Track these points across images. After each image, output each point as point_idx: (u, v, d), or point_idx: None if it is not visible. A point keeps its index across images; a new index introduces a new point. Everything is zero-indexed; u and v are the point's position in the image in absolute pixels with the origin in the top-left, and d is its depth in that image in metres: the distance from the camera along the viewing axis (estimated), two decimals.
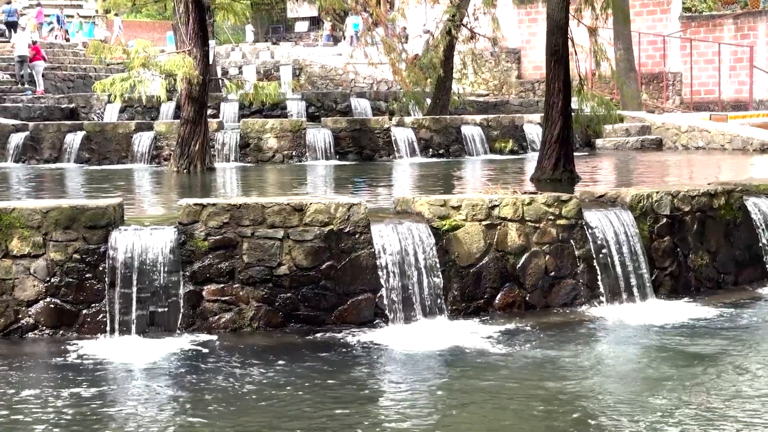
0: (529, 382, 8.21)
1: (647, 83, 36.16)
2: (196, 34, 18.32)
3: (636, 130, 25.37)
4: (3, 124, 23.87)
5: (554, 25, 14.59)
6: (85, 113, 30.62)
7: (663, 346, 9.33)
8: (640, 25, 36.38)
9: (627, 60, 32.35)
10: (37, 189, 17.09)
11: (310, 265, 9.86)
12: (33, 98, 32.77)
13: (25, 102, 31.80)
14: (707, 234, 11.56)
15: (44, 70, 35.32)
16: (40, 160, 22.69)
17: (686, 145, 24.61)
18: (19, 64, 35.31)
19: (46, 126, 23.47)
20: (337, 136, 22.35)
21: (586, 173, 16.63)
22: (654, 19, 37.13)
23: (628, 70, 32.41)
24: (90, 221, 9.56)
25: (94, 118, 30.08)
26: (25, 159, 22.80)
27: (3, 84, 34.94)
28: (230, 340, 9.50)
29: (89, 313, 9.55)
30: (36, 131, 23.10)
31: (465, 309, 10.31)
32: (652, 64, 36.60)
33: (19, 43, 35.27)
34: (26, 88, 34.47)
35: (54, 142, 22.81)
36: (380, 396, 8.03)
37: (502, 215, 10.47)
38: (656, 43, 36.47)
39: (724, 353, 9.06)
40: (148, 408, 7.62)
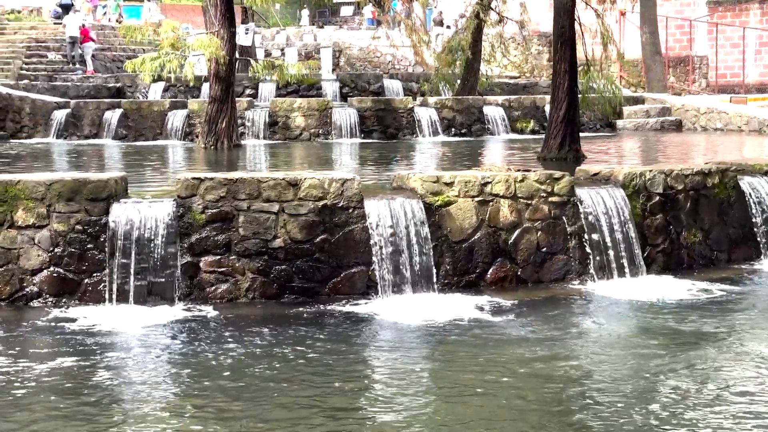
0: (517, 355, 8.00)
1: (674, 66, 35.63)
2: (224, 15, 18.21)
3: (656, 112, 24.96)
4: (46, 101, 23.96)
5: (561, 8, 14.32)
6: (131, 92, 30.72)
7: (651, 322, 9.09)
8: (669, 10, 35.84)
9: (653, 44, 31.88)
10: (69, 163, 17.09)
11: (304, 239, 9.73)
12: (82, 78, 32.89)
13: (74, 81, 31.92)
14: (701, 212, 11.27)
15: (94, 51, 35.37)
16: (80, 136, 22.79)
17: (705, 126, 24.18)
18: (71, 45, 35.40)
19: (86, 104, 23.54)
20: (363, 115, 22.21)
21: (596, 153, 16.34)
22: (682, 3, 36.53)
23: (654, 54, 31.96)
24: (91, 194, 9.48)
25: (138, 96, 30.17)
26: (67, 135, 22.91)
27: (55, 64, 35.08)
28: (226, 311, 9.39)
29: (90, 282, 9.48)
30: (77, 108, 23.19)
31: (457, 283, 10.13)
32: (679, 48, 36.04)
33: (71, 25, 35.34)
34: (76, 68, 34.57)
35: (93, 119, 22.88)
36: (369, 366, 7.87)
37: (495, 192, 10.26)
38: (683, 28, 35.88)
39: (710, 328, 8.81)
40: (140, 373, 7.55)
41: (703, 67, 35.74)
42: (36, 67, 34.58)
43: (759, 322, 9.16)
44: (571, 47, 14.41)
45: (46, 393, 7.04)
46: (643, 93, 29.35)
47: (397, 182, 10.56)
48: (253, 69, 20.03)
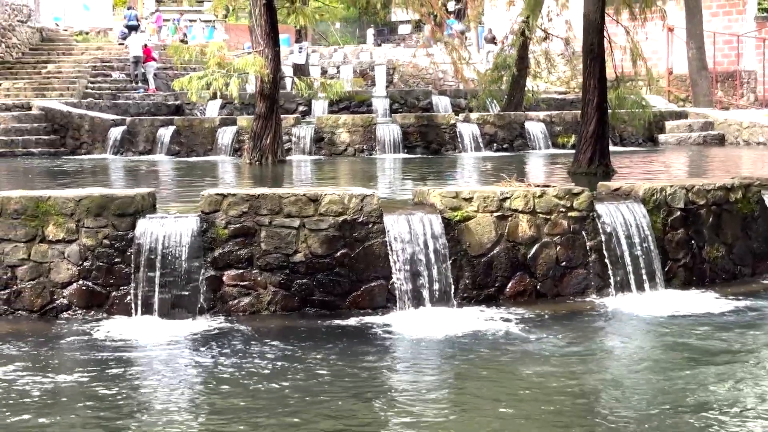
0: (537, 369, 7.85)
1: (722, 81, 35.06)
2: (268, 35, 18.30)
3: (699, 126, 24.55)
4: (104, 119, 24.30)
5: (590, 25, 14.12)
6: (189, 110, 31.04)
7: (671, 336, 8.88)
8: (717, 26, 35.28)
9: (699, 59, 31.42)
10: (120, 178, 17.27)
11: (324, 253, 9.68)
12: (144, 95, 33.30)
13: (136, 99, 32.32)
14: (723, 226, 11.02)
15: (156, 70, 35.77)
16: (135, 152, 23.05)
17: (747, 140, 23.72)
18: (134, 65, 35.85)
19: (141, 121, 23.82)
20: (406, 131, 22.16)
21: (629, 167, 16.09)
22: (730, 19, 35.90)
23: (700, 69, 31.49)
24: (119, 209, 9.54)
25: (197, 113, 30.49)
26: (123, 151, 23.19)
27: (118, 83, 35.53)
28: (248, 323, 9.37)
29: (118, 295, 9.53)
30: (132, 125, 23.46)
31: (476, 297, 10.01)
32: (727, 63, 35.43)
33: (134, 45, 35.81)
34: (139, 86, 34.99)
35: (148, 135, 23.14)
36: (388, 379, 7.77)
37: (514, 207, 10.13)
38: (731, 43, 35.27)
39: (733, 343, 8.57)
40: (162, 383, 7.57)
41: (751, 82, 35.08)
42: (100, 85, 35.05)
43: None
44: (600, 64, 14.22)
45: (71, 402, 7.09)
46: (687, 107, 28.92)
47: (418, 198, 10.48)
48: (297, 87, 20.07)
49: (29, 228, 9.52)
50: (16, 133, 24.63)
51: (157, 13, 47.53)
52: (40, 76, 35.18)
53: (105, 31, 43.97)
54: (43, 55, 38.16)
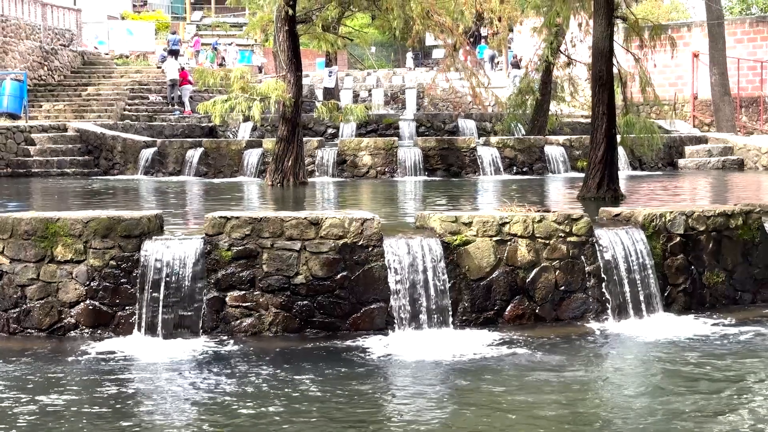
0: (534, 393, 7.78)
1: (747, 107, 34.79)
2: (290, 60, 18.38)
3: (718, 151, 24.32)
4: (136, 140, 24.50)
5: (599, 53, 14.05)
6: (222, 131, 31.24)
7: (666, 361, 8.74)
8: (741, 52, 35.03)
9: (722, 84, 31.21)
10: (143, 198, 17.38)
11: (325, 276, 9.67)
12: (179, 118, 33.57)
13: (171, 121, 32.60)
14: (723, 252, 10.87)
15: (192, 93, 36.05)
16: (165, 173, 23.20)
17: (766, 165, 23.47)
18: (170, 88, 36.17)
19: (171, 142, 23.99)
20: (427, 154, 22.13)
21: (639, 192, 15.95)
22: (754, 45, 35.63)
23: (723, 94, 31.27)
24: (125, 231, 9.59)
25: (229, 135, 30.67)
26: (153, 172, 23.35)
27: (155, 105, 35.87)
28: (250, 344, 9.38)
29: (123, 315, 9.57)
30: (162, 147, 23.63)
31: (475, 320, 9.94)
32: (752, 89, 35.15)
33: (170, 69, 36.14)
34: (175, 109, 35.29)
35: (177, 157, 23.29)
36: (386, 402, 7.72)
37: (513, 232, 10.06)
38: (756, 69, 35.00)
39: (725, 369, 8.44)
40: (165, 404, 7.57)
41: None
42: (137, 107, 35.39)
43: None
44: (609, 91, 14.14)
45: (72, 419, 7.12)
46: (711, 132, 28.68)
47: (420, 222, 10.44)
48: (318, 111, 20.13)
49: (39, 248, 9.59)
50: (52, 154, 24.90)
51: (195, 38, 47.90)
52: (80, 98, 35.60)
53: (144, 54, 44.42)
54: (84, 77, 38.63)
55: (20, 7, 36.78)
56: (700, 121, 34.84)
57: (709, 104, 33.62)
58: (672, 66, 37.04)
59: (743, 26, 35.73)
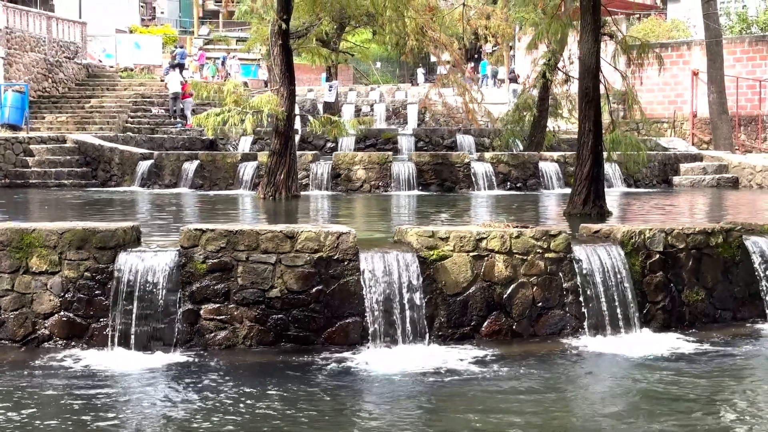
0: (509, 410, 7.68)
1: (746, 125, 34.66)
2: (284, 74, 18.32)
3: (713, 169, 24.18)
4: (133, 152, 24.46)
5: (585, 70, 13.95)
6: (223, 144, 31.19)
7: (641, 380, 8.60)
8: (740, 71, 34.92)
9: (719, 103, 31.10)
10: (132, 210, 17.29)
11: (300, 289, 9.56)
12: (180, 130, 33.56)
13: (172, 134, 32.59)
14: (703, 270, 10.72)
15: (194, 106, 36.05)
16: (161, 185, 23.14)
17: (760, 183, 23.33)
18: (172, 101, 36.20)
19: (167, 155, 23.93)
20: (421, 168, 22.04)
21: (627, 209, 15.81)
22: (754, 64, 35.51)
23: (721, 113, 31.16)
24: (100, 243, 9.49)
25: (230, 148, 30.62)
26: (150, 184, 23.29)
27: (157, 118, 35.89)
28: (224, 357, 9.25)
29: (97, 327, 9.46)
30: (159, 159, 23.58)
31: (451, 335, 9.81)
32: (750, 107, 35.02)
33: (172, 82, 36.17)
34: (177, 121, 35.30)
35: (173, 169, 23.22)
36: (357, 417, 7.61)
37: (490, 247, 9.94)
38: (755, 88, 34.88)
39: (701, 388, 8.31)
40: (134, 416, 7.46)
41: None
42: (140, 120, 35.41)
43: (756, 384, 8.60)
44: (595, 107, 14.03)
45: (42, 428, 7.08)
46: (709, 150, 28.56)
47: (398, 236, 10.34)
48: (311, 125, 20.05)
49: (14, 259, 9.50)
50: (50, 165, 24.86)
51: (200, 52, 47.96)
52: (83, 110, 35.64)
53: (149, 67, 44.45)
54: (88, 90, 38.69)
55: (25, 20, 36.85)
56: (700, 139, 34.72)
57: (708, 122, 33.50)
58: (672, 84, 36.97)
59: (743, 45, 35.62)
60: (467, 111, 22.73)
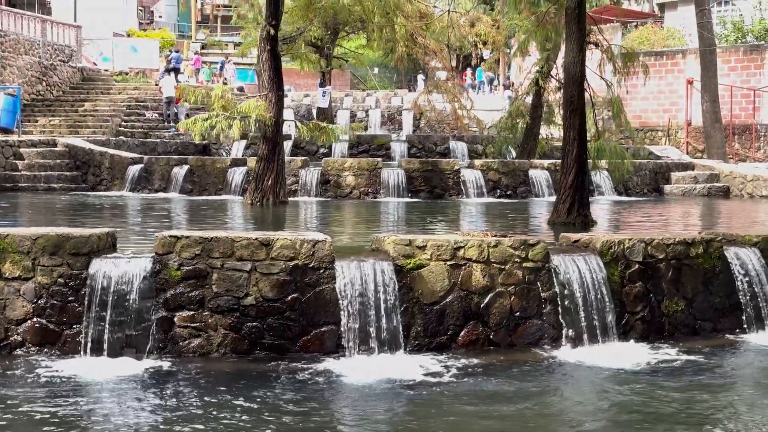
0: (482, 420, 7.63)
1: (740, 134, 34.60)
2: (272, 80, 18.26)
3: (704, 178, 24.12)
4: (123, 156, 24.38)
5: (570, 78, 13.88)
6: (216, 149, 31.15)
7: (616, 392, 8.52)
8: (735, 80, 34.87)
9: (713, 112, 31.06)
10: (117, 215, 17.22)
11: (275, 297, 9.48)
12: (173, 135, 33.47)
13: (165, 138, 32.51)
14: (683, 281, 10.65)
15: (188, 110, 35.97)
16: (151, 190, 23.06)
17: (751, 193, 23.26)
18: (166, 105, 36.12)
19: (157, 159, 23.85)
20: (410, 175, 21.96)
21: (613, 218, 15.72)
22: (748, 73, 35.47)
23: (714, 122, 31.11)
24: (74, 248, 9.40)
25: (222, 153, 30.57)
26: (140, 188, 23.21)
27: (151, 122, 35.80)
28: (197, 365, 9.17)
29: (70, 334, 9.37)
30: (149, 164, 23.49)
31: (428, 344, 9.73)
32: (745, 116, 34.96)
33: (166, 86, 36.08)
34: (170, 126, 35.21)
35: (163, 174, 23.14)
36: (330, 427, 7.54)
37: (467, 256, 9.87)
38: (749, 97, 34.83)
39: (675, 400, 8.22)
40: (107, 425, 7.38)
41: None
42: (133, 124, 35.33)
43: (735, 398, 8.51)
44: (580, 116, 13.96)
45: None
46: (703, 159, 28.50)
47: (375, 244, 10.26)
48: (299, 131, 20.00)
49: None
50: (39, 169, 24.78)
51: (195, 56, 47.89)
52: (77, 113, 35.55)
53: (144, 71, 44.37)
54: (82, 93, 38.61)
55: (20, 23, 36.78)
56: (694, 147, 34.66)
57: (703, 131, 33.44)
58: (667, 92, 36.93)
59: (737, 54, 35.58)
60: (456, 118, 22.65)
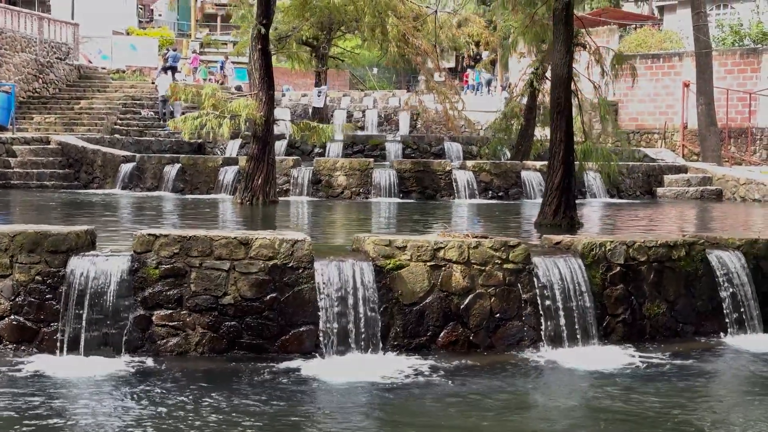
0: (456, 422, 7.60)
1: (736, 137, 34.56)
2: (263, 79, 18.23)
3: (697, 181, 24.07)
4: (115, 155, 24.34)
5: (557, 80, 13.85)
6: (211, 148, 31.10)
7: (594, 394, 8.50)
8: (731, 83, 34.84)
9: (708, 115, 31.01)
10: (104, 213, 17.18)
11: (254, 296, 9.45)
12: (169, 133, 33.41)
13: (160, 137, 32.47)
14: (665, 284, 10.61)
15: (184, 109, 35.92)
16: (143, 188, 23.03)
17: (744, 196, 23.21)
18: (162, 103, 36.08)
19: (149, 158, 23.82)
20: (402, 176, 21.92)
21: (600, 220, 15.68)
22: (745, 77, 35.42)
23: (709, 125, 31.07)
24: (52, 246, 9.37)
25: (217, 152, 30.52)
26: (131, 186, 23.18)
27: (147, 120, 35.77)
28: (174, 364, 9.14)
29: (48, 332, 9.34)
30: (141, 162, 23.46)
31: (407, 345, 9.70)
32: (741, 119, 34.92)
33: (162, 84, 36.04)
34: (166, 124, 35.14)
35: (155, 172, 23.11)
36: (305, 427, 7.50)
37: (447, 257, 9.84)
38: (745, 100, 34.78)
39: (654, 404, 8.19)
40: (79, 422, 7.37)
41: (764, 139, 34.52)
42: (129, 122, 35.29)
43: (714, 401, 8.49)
44: (567, 118, 13.91)
45: None
46: (691, 162, 28.45)
47: (355, 245, 10.24)
48: (289, 130, 19.94)
49: None
50: (32, 166, 24.74)
51: (193, 54, 47.85)
52: (72, 111, 35.52)
53: (141, 69, 44.35)
54: (79, 91, 38.57)
55: (16, 20, 36.75)
56: (690, 150, 34.62)
57: (696, 134, 33.40)
58: (663, 95, 36.88)
59: (734, 57, 35.54)
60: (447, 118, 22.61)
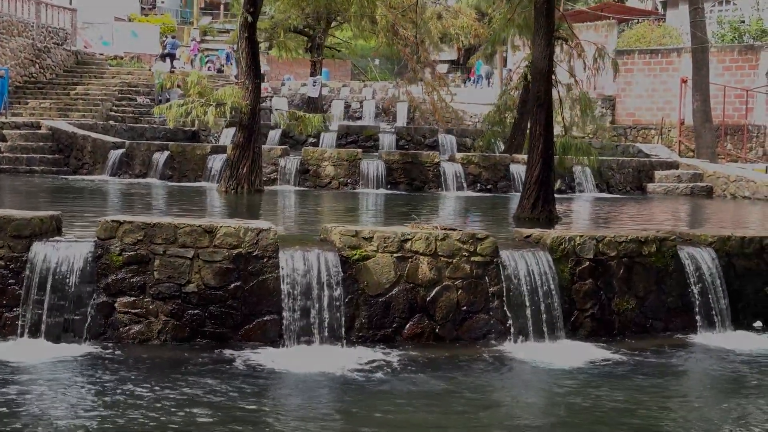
0: (419, 414, 7.57)
1: (732, 134, 34.43)
2: (249, 67, 18.15)
3: (688, 177, 23.97)
4: (105, 141, 24.28)
5: (537, 73, 13.75)
6: (205, 136, 31.04)
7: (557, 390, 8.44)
8: (729, 79, 34.70)
9: (703, 111, 30.87)
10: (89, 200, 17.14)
11: (218, 285, 9.40)
12: (163, 120, 33.35)
13: (155, 123, 32.41)
14: (635, 279, 10.54)
15: (179, 96, 35.82)
16: (131, 175, 22.97)
17: (734, 193, 23.11)
18: (159, 90, 35.99)
19: (138, 144, 23.77)
20: (390, 167, 21.84)
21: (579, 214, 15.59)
22: (742, 73, 35.29)
23: (705, 121, 30.93)
24: (15, 231, 9.32)
25: (211, 140, 30.46)
26: (120, 173, 23.13)
27: (142, 107, 35.70)
28: (136, 351, 9.09)
29: (10, 317, 9.29)
30: (130, 149, 23.41)
31: (372, 337, 9.65)
32: (737, 116, 34.79)
33: (159, 72, 35.96)
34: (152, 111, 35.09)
35: (144, 159, 23.05)
36: (266, 416, 7.45)
37: (414, 249, 9.78)
38: (742, 97, 34.64)
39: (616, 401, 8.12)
40: (37, 407, 7.34)
41: (760, 136, 34.40)
42: (124, 109, 35.23)
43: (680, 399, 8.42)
44: (546, 111, 13.82)
45: None
46: (684, 158, 28.34)
47: (323, 234, 10.17)
48: (276, 119, 19.87)
49: None
50: (22, 151, 24.69)
51: (193, 42, 47.74)
52: (68, 97, 35.46)
53: (139, 56, 44.26)
54: (76, 77, 38.51)
55: (13, 4, 36.67)
56: (686, 146, 34.48)
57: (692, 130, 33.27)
58: (661, 90, 36.76)
59: (732, 54, 35.40)
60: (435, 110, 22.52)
